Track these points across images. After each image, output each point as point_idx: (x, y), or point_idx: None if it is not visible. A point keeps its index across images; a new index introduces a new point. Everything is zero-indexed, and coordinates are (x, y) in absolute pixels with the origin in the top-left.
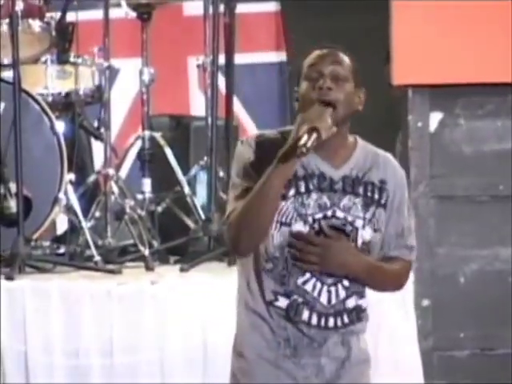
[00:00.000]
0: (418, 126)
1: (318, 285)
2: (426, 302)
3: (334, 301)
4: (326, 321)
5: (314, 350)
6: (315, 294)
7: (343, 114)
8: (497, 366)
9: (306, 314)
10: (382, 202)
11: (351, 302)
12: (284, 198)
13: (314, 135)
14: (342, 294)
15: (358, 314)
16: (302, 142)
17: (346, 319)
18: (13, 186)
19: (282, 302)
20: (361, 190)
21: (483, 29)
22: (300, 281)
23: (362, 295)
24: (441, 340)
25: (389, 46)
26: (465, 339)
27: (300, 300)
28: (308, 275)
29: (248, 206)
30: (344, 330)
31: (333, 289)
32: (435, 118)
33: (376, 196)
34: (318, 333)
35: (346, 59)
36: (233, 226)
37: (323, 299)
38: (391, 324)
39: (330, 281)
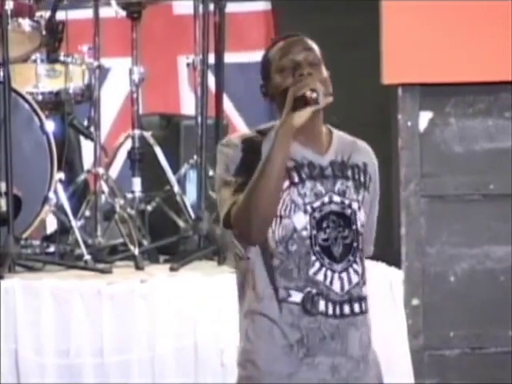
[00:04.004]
0: (408, 125)
1: (329, 273)
2: (416, 301)
3: (347, 287)
4: (342, 309)
5: (328, 347)
6: (327, 282)
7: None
8: (487, 365)
9: (322, 305)
10: (367, 184)
11: (365, 290)
12: None
13: (315, 94)
14: (355, 278)
15: (366, 302)
16: (308, 93)
17: (363, 306)
18: (2, 185)
19: (296, 297)
20: (349, 173)
21: (473, 28)
22: (311, 272)
23: (365, 283)
24: (431, 339)
25: (379, 45)
26: (455, 338)
27: (314, 291)
28: (318, 265)
29: (255, 186)
30: (362, 318)
31: (344, 275)
32: (425, 117)
33: (362, 179)
34: (334, 324)
35: (313, 44)
36: (239, 214)
37: (336, 287)
38: (381, 323)
39: (339, 267)
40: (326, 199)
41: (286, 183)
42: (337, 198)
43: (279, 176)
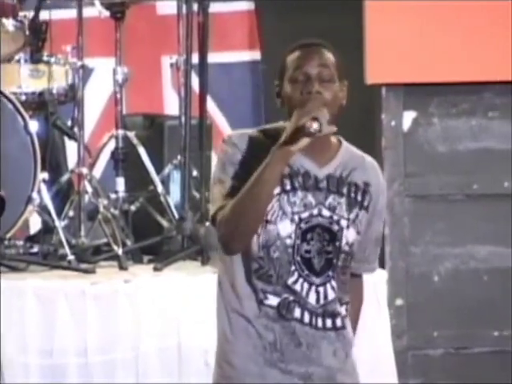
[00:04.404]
0: (392, 125)
1: (306, 285)
2: (399, 301)
3: (322, 301)
4: (316, 320)
5: (303, 355)
6: (303, 294)
7: (331, 114)
8: (471, 365)
9: (297, 312)
10: (365, 204)
11: (339, 307)
12: None
13: (317, 123)
14: (331, 294)
15: (343, 319)
16: (308, 124)
17: (337, 322)
18: None
19: (273, 301)
20: (345, 190)
21: (457, 28)
22: (290, 281)
23: (344, 302)
24: (415, 339)
25: (363, 45)
26: (439, 338)
27: (291, 298)
28: (296, 275)
29: (241, 202)
30: (334, 335)
31: (321, 289)
32: (409, 117)
33: (359, 197)
34: (310, 333)
35: (330, 57)
36: (224, 223)
37: (311, 299)
38: (365, 323)
39: (318, 281)
40: (315, 211)
41: (278, 190)
42: (326, 212)
43: (268, 198)
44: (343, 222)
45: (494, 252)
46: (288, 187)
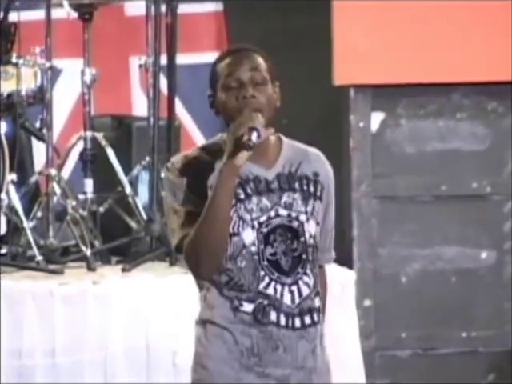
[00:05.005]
0: (360, 126)
1: (279, 287)
2: (367, 302)
3: (297, 300)
4: (293, 321)
5: (280, 358)
6: (278, 296)
7: (268, 117)
8: (438, 366)
9: (273, 315)
10: (318, 194)
11: (317, 302)
12: None
13: (255, 133)
14: (306, 291)
15: (318, 313)
16: (246, 137)
17: (314, 318)
18: None
19: (248, 307)
20: (296, 185)
21: (425, 29)
22: (261, 286)
23: (317, 293)
24: (383, 340)
25: (331, 46)
26: (407, 339)
27: (266, 302)
28: (267, 279)
29: (204, 225)
30: (313, 331)
31: (294, 288)
32: (377, 118)
33: (312, 189)
34: (287, 336)
35: (260, 61)
36: (192, 250)
37: (287, 300)
38: (333, 324)
39: (289, 280)
40: (272, 213)
41: (233, 201)
42: (283, 212)
43: (228, 215)
44: (302, 217)
45: (461, 253)
46: (242, 196)
